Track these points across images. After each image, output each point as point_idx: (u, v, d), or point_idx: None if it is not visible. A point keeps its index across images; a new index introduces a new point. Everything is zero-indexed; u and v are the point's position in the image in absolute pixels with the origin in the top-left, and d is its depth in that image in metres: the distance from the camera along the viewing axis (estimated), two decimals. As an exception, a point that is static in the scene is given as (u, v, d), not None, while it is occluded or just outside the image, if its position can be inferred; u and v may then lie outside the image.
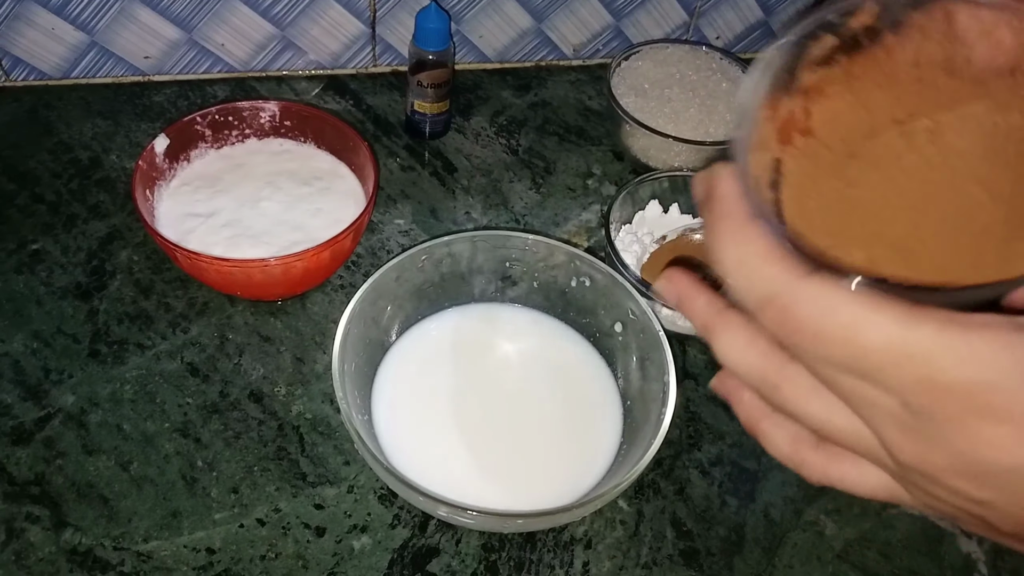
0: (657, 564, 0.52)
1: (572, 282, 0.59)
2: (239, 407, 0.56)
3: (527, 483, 0.52)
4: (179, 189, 0.62)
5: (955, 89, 0.25)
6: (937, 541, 0.55)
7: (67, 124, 0.72)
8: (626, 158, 0.76)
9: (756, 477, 0.57)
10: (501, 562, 0.51)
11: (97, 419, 0.54)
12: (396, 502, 0.53)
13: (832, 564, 0.53)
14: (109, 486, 0.51)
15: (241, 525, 0.51)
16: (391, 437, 0.53)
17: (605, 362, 0.58)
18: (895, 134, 0.24)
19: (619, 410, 0.56)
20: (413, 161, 0.74)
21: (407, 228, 0.68)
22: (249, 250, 0.58)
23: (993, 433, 0.25)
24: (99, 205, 0.66)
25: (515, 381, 0.56)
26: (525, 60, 0.85)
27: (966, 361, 0.24)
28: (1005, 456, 0.26)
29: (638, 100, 0.72)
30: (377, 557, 0.50)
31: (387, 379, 0.56)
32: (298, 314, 0.61)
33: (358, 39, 0.78)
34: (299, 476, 0.53)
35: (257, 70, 0.79)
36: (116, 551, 0.49)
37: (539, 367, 0.57)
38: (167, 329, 0.59)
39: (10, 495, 0.50)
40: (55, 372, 0.56)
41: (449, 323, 0.59)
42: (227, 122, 0.64)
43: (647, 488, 0.55)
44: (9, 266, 0.61)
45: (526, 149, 0.77)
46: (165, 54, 0.75)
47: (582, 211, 0.72)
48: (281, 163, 0.65)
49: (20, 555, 0.48)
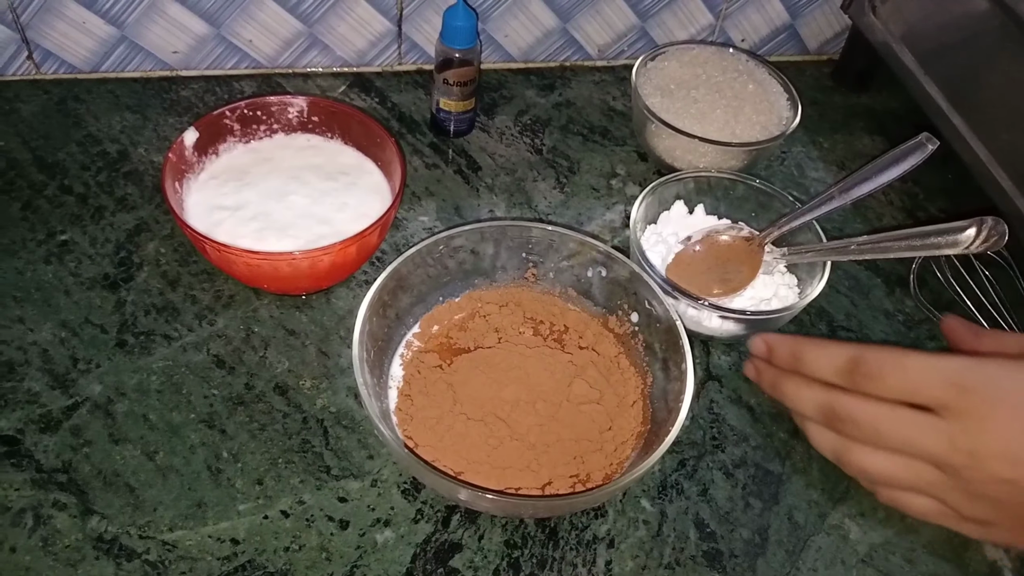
0: (680, 564, 0.52)
1: (589, 272, 0.59)
2: (264, 399, 0.56)
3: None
4: (207, 182, 0.62)
5: None
6: (963, 547, 0.54)
7: (96, 117, 0.73)
8: (650, 159, 0.76)
9: (780, 480, 0.56)
10: (524, 559, 0.51)
11: (124, 409, 0.55)
12: (419, 496, 0.53)
13: (856, 568, 0.53)
14: (135, 475, 0.52)
15: (265, 516, 0.51)
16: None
17: (626, 355, 0.58)
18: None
19: (642, 406, 0.56)
20: (438, 159, 0.74)
21: (431, 225, 0.69)
22: (276, 243, 0.58)
23: (1002, 414, 0.40)
24: (127, 197, 0.67)
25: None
26: (550, 60, 0.85)
27: (975, 369, 0.41)
28: (1013, 426, 0.39)
29: (664, 100, 0.72)
30: (400, 551, 0.50)
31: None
32: (323, 309, 0.62)
33: (384, 37, 0.79)
34: (323, 469, 0.53)
35: (284, 66, 0.79)
36: (141, 539, 0.49)
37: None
38: (193, 321, 0.60)
39: (37, 482, 0.51)
40: (83, 361, 0.57)
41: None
42: (255, 116, 0.64)
43: (670, 488, 0.55)
44: (38, 256, 0.62)
45: (550, 149, 0.77)
46: (193, 49, 0.76)
47: (606, 211, 0.72)
48: (308, 158, 0.65)
49: (47, 541, 0.49)
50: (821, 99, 0.86)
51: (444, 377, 0.55)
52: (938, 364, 0.42)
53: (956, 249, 0.49)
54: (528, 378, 0.56)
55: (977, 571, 0.53)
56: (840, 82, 0.88)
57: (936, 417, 0.42)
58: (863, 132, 0.83)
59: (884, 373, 0.43)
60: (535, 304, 0.61)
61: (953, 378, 0.42)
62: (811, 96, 0.85)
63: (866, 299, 0.68)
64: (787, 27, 0.87)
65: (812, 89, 0.87)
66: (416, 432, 0.53)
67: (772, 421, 0.59)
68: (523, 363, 0.56)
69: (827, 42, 0.90)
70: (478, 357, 0.57)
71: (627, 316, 0.58)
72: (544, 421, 0.53)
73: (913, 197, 0.77)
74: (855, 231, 0.73)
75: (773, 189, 0.66)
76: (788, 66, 0.87)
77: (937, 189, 0.78)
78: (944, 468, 0.42)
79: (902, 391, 0.43)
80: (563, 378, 0.56)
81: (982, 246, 0.48)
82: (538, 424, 0.53)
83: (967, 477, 0.42)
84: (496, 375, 0.55)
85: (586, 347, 0.59)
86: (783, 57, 0.90)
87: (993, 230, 0.47)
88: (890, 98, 0.87)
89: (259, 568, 0.49)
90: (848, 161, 0.80)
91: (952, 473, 0.42)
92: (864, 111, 0.86)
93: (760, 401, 0.60)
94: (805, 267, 0.63)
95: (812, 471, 0.57)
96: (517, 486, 0.51)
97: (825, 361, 0.45)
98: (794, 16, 0.86)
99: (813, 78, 0.88)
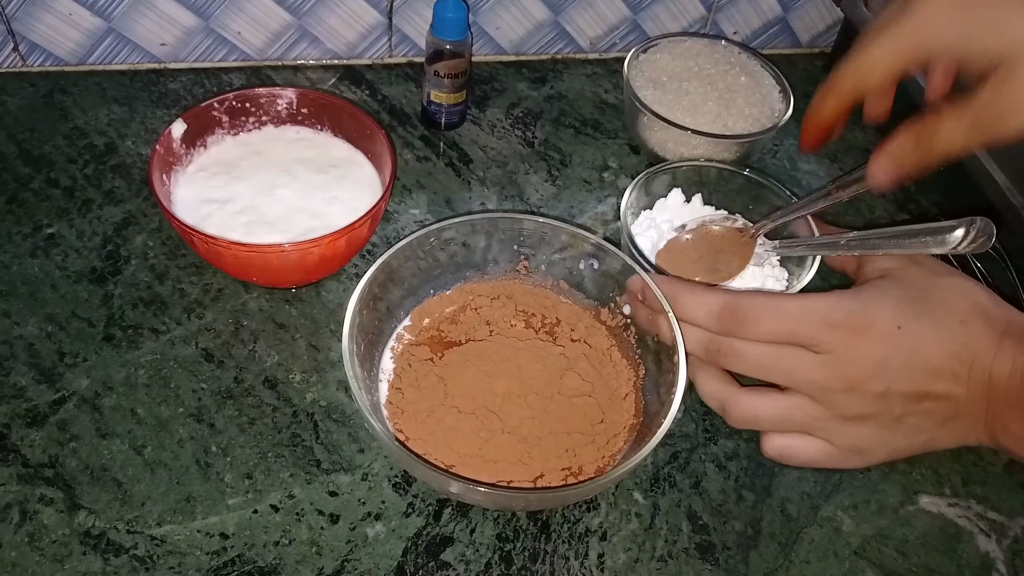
0: (673, 557, 0.52)
1: (581, 264, 0.59)
2: (253, 393, 0.56)
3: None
4: (196, 175, 0.62)
5: None
6: (955, 540, 0.54)
7: (83, 110, 0.72)
8: (643, 151, 0.76)
9: (773, 472, 0.56)
10: (516, 552, 0.51)
11: (111, 403, 0.54)
12: (410, 490, 0.52)
13: (849, 560, 0.53)
14: (123, 470, 0.51)
15: (255, 511, 0.50)
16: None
17: (618, 348, 0.58)
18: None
19: (634, 399, 0.56)
20: (428, 152, 0.74)
21: (422, 218, 0.68)
22: (266, 236, 0.58)
23: (869, 341, 0.48)
24: (114, 191, 0.66)
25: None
26: (541, 52, 0.84)
27: (841, 306, 0.49)
28: (880, 349, 0.49)
29: (656, 93, 0.72)
30: (391, 545, 0.50)
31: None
32: (313, 302, 0.61)
33: (374, 29, 0.78)
34: (313, 463, 0.53)
35: (273, 59, 0.79)
36: (129, 534, 0.49)
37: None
38: (182, 315, 0.59)
39: (24, 477, 0.50)
40: (69, 355, 0.56)
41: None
42: (244, 108, 0.64)
43: (663, 481, 0.55)
44: (24, 249, 0.61)
45: (542, 141, 0.76)
46: (181, 41, 0.75)
47: (598, 204, 0.72)
48: (298, 151, 0.64)
49: (33, 536, 0.48)
50: (813, 92, 0.85)
51: (435, 370, 0.55)
52: (809, 306, 0.49)
53: (944, 249, 0.49)
54: (520, 371, 0.55)
55: (970, 563, 0.53)
56: (832, 75, 0.88)
57: (812, 353, 0.48)
58: (855, 125, 0.83)
59: (760, 318, 0.49)
60: (527, 297, 0.61)
61: (823, 318, 0.49)
62: (803, 89, 0.85)
63: (858, 291, 0.68)
64: (779, 20, 0.87)
65: (804, 82, 0.86)
66: (407, 425, 0.52)
67: (765, 413, 0.59)
68: (515, 356, 0.56)
69: (819, 35, 0.90)
70: (469, 350, 0.57)
71: (619, 309, 0.58)
72: (536, 414, 0.53)
73: (905, 190, 0.77)
74: (847, 223, 0.73)
75: (769, 181, 0.65)
76: (780, 59, 0.87)
77: (930, 183, 0.78)
78: (823, 400, 0.50)
79: (777, 333, 0.49)
80: (555, 371, 0.56)
81: (970, 247, 0.48)
82: (530, 417, 0.53)
83: (844, 404, 0.49)
84: (487, 368, 0.55)
85: (578, 340, 0.58)
86: (775, 50, 0.90)
87: (981, 231, 0.48)
88: (882, 91, 0.87)
89: (249, 562, 0.48)
90: (840, 154, 0.80)
91: (830, 404, 0.50)
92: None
93: (753, 393, 0.60)
94: (795, 260, 0.62)
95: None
96: (509, 479, 0.50)
97: (702, 308, 0.51)
98: (786, 9, 0.86)
99: (805, 71, 0.88)
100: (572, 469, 0.52)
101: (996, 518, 0.55)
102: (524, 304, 0.60)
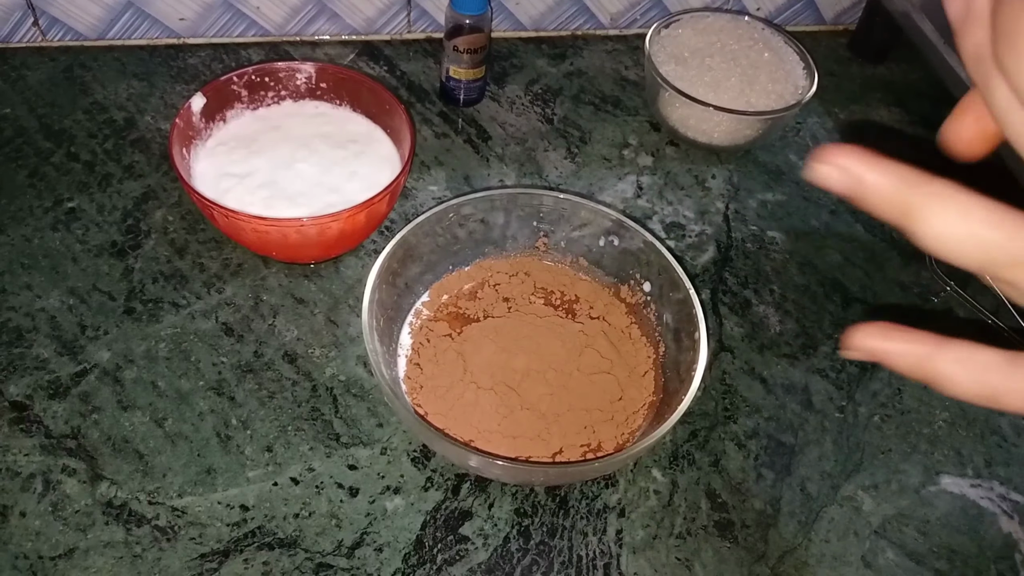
0: (691, 534, 0.51)
1: (600, 241, 0.58)
2: (273, 367, 0.56)
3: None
4: (215, 149, 0.62)
5: None
6: (977, 520, 0.54)
7: (102, 84, 0.72)
8: (663, 128, 0.75)
9: (792, 451, 0.56)
10: (534, 527, 0.51)
11: (132, 375, 0.54)
12: (429, 464, 0.52)
13: (869, 540, 0.52)
14: (144, 441, 0.52)
15: (275, 483, 0.51)
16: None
17: (638, 326, 0.58)
18: None
19: (654, 376, 0.55)
20: (447, 128, 0.73)
21: (441, 195, 0.68)
22: (285, 211, 0.57)
23: None
24: (134, 165, 0.66)
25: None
26: (561, 28, 0.83)
27: None
28: None
29: (678, 68, 0.71)
30: (410, 518, 0.50)
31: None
32: (332, 277, 0.61)
33: (393, 4, 0.77)
34: (332, 437, 0.53)
35: (291, 34, 0.78)
36: (151, 505, 0.49)
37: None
38: (202, 289, 0.59)
39: (47, 447, 0.51)
40: (91, 328, 0.56)
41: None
42: (263, 83, 0.64)
43: (682, 459, 0.55)
44: (45, 223, 0.62)
45: (561, 118, 0.76)
46: (200, 16, 0.75)
47: (618, 181, 0.71)
48: (317, 126, 0.64)
49: (57, 506, 0.48)
50: (837, 70, 0.84)
51: (454, 346, 0.55)
52: None
53: None
54: (539, 348, 0.55)
55: (992, 543, 0.53)
56: (857, 53, 0.86)
57: None
58: (880, 104, 0.82)
59: None
60: (545, 274, 0.60)
61: None
62: (827, 67, 0.84)
63: (881, 271, 0.67)
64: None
65: (828, 60, 0.85)
66: (426, 401, 0.52)
67: (785, 393, 0.59)
68: (534, 333, 0.56)
69: (844, 12, 0.88)
70: (488, 326, 0.56)
71: (639, 286, 0.58)
72: (555, 390, 0.53)
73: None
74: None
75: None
76: (804, 36, 0.85)
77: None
78: None
79: None
80: (574, 348, 0.55)
81: None
82: (549, 393, 0.53)
83: None
84: (506, 344, 0.55)
85: (597, 317, 0.58)
86: (799, 27, 0.88)
87: None
88: (909, 70, 0.86)
89: (269, 534, 0.49)
90: (864, 132, 0.79)
91: None
92: (881, 83, 0.84)
93: (773, 373, 0.60)
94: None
95: (825, 443, 0.56)
96: (528, 455, 0.50)
97: None
98: (811, -16, 0.84)
99: (829, 48, 0.87)
100: (591, 446, 0.51)
101: (1019, 499, 0.55)
102: (543, 281, 0.60)
